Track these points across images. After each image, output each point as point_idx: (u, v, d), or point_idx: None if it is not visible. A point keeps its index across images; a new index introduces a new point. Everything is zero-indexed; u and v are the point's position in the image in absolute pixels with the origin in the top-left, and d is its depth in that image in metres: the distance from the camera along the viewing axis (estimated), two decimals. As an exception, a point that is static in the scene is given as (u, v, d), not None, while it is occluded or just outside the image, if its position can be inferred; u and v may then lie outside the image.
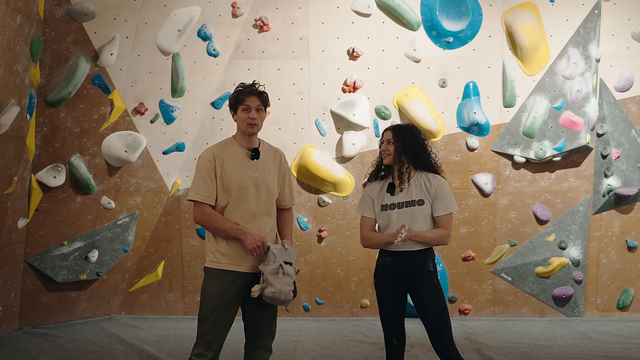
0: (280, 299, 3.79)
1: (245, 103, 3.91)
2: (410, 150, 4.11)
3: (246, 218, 3.89)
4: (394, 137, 4.13)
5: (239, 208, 3.89)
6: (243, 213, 3.89)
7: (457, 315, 6.90)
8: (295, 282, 3.89)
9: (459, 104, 6.80)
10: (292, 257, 3.91)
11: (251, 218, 3.90)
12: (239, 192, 3.89)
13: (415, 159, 4.12)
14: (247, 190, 3.90)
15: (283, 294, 3.78)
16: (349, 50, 6.75)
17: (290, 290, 3.79)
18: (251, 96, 3.91)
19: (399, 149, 4.10)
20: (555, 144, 6.72)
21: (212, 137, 6.66)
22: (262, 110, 3.94)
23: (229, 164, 3.90)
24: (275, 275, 3.79)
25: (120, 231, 6.71)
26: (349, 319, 6.87)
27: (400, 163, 4.11)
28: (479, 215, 6.86)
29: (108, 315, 6.86)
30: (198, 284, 6.81)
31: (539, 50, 6.72)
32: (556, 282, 6.85)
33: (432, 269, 4.13)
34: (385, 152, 4.14)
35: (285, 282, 3.79)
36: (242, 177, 3.90)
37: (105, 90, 6.47)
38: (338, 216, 6.88)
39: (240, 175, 3.90)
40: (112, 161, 6.58)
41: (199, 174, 3.92)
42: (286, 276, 3.80)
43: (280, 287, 3.78)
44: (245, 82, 4.01)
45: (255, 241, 3.81)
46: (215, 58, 6.71)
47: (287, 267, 3.83)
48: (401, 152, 4.10)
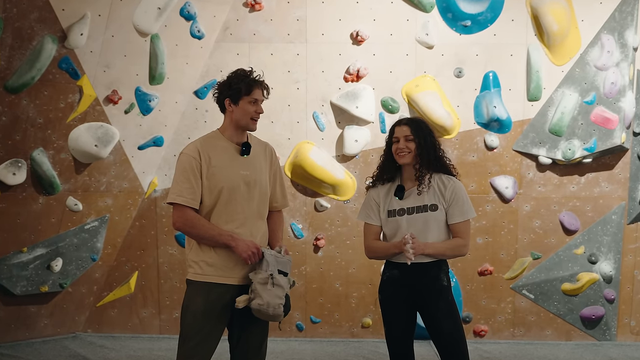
0: (268, 312, 3.80)
1: (254, 95, 3.95)
2: (432, 148, 4.13)
3: (236, 223, 3.90)
4: (413, 132, 4.14)
5: (227, 211, 3.90)
6: (233, 217, 3.90)
7: (471, 337, 6.90)
8: (288, 295, 3.87)
9: (476, 97, 6.81)
10: (288, 266, 3.92)
11: (242, 223, 3.92)
12: (229, 193, 3.90)
13: (434, 159, 4.14)
14: (237, 190, 3.91)
15: (272, 307, 3.78)
16: (352, 33, 6.75)
17: (280, 303, 3.80)
18: (259, 88, 3.97)
19: (421, 146, 4.11)
20: (585, 143, 6.72)
21: (194, 131, 6.67)
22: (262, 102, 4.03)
23: (216, 160, 3.91)
24: (264, 285, 3.79)
25: (88, 237, 6.70)
26: (348, 340, 6.87)
27: (421, 163, 4.11)
28: (498, 224, 6.87)
29: (72, 333, 6.85)
30: (176, 299, 6.84)
31: (568, 37, 6.73)
32: (585, 300, 6.85)
33: (446, 284, 4.15)
34: (402, 151, 4.13)
35: (275, 294, 3.80)
36: (231, 175, 3.91)
37: (73, 75, 6.49)
38: (337, 223, 6.88)
39: (229, 173, 3.91)
40: (80, 157, 6.59)
41: (181, 173, 3.92)
42: (276, 287, 3.80)
43: (269, 299, 3.78)
44: (247, 69, 4.03)
45: (248, 248, 3.80)
46: (200, 41, 6.71)
47: (280, 277, 3.84)
48: (423, 150, 4.11)
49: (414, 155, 4.12)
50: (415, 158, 4.12)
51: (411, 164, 4.13)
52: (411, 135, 4.12)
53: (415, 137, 4.12)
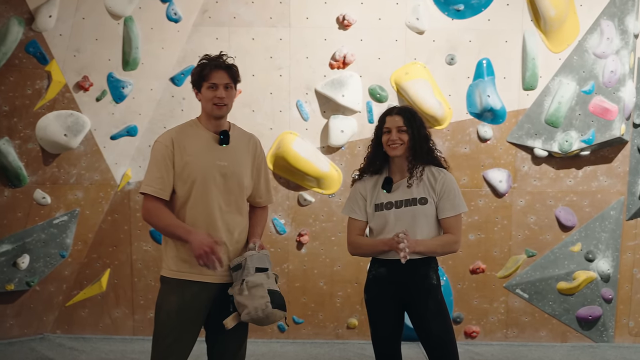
0: (260, 316, 3.77)
1: (211, 80, 3.91)
2: (425, 140, 4.14)
3: (211, 216, 3.87)
4: (406, 123, 4.13)
5: (203, 204, 3.88)
6: (208, 210, 3.87)
7: (462, 338, 6.91)
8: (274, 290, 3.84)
9: (469, 86, 6.81)
10: (265, 261, 3.89)
11: (218, 217, 3.88)
12: (203, 184, 3.88)
13: (427, 151, 4.15)
14: (213, 181, 3.89)
15: (260, 310, 3.75)
16: (338, 17, 6.73)
17: (266, 302, 3.76)
18: (218, 71, 3.91)
19: (415, 138, 4.11)
20: (583, 135, 6.73)
21: (171, 120, 6.64)
22: (232, 88, 3.95)
23: (191, 149, 3.90)
24: (241, 295, 3.79)
25: (56, 232, 6.67)
26: (333, 341, 6.87)
27: (413, 155, 4.12)
28: (491, 219, 6.87)
29: (40, 334, 6.82)
30: (150, 298, 6.79)
31: (566, 23, 6.73)
32: (582, 300, 6.87)
33: (436, 283, 4.15)
34: (394, 142, 4.12)
35: (256, 295, 3.77)
36: (207, 165, 3.89)
37: (41, 60, 6.47)
38: (322, 218, 6.85)
39: (205, 163, 3.89)
40: (49, 147, 6.56)
41: (153, 162, 3.92)
42: (254, 289, 3.77)
43: (253, 304, 3.76)
44: (210, 54, 4.00)
45: (201, 246, 3.73)
46: (177, 24, 6.69)
47: (256, 276, 3.80)
48: (416, 141, 4.11)
49: (407, 148, 4.11)
50: (408, 150, 4.11)
51: (403, 156, 4.12)
52: (404, 126, 4.12)
53: (409, 128, 4.11)
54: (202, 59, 3.97)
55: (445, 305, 4.15)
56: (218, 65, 3.92)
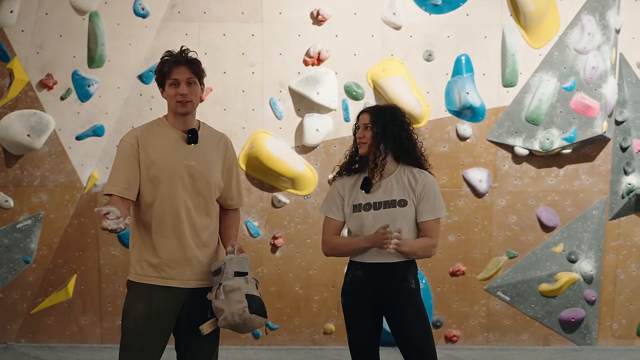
0: (237, 321, 3.71)
1: (172, 76, 3.86)
2: (392, 138, 4.11)
3: (178, 218, 3.84)
4: (372, 120, 4.13)
5: (169, 204, 3.84)
6: (174, 211, 3.83)
7: (443, 343, 6.92)
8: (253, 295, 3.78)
9: (448, 82, 6.81)
10: (245, 264, 3.84)
11: (184, 218, 3.84)
12: (170, 184, 3.83)
13: (398, 150, 4.12)
14: (180, 182, 3.85)
15: (237, 315, 3.70)
16: (312, 12, 6.72)
17: (243, 307, 3.70)
18: (178, 67, 3.86)
19: (378, 136, 4.10)
20: (564, 133, 6.75)
21: (139, 119, 6.59)
22: (195, 83, 3.89)
23: (157, 148, 3.85)
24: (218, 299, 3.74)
25: (20, 237, 6.64)
26: (309, 347, 6.85)
27: (376, 153, 4.12)
28: (471, 220, 6.88)
29: (4, 343, 6.76)
30: (119, 304, 6.70)
31: (546, 18, 6.75)
32: (564, 302, 6.90)
33: (415, 287, 4.13)
34: (360, 140, 4.15)
35: (233, 300, 3.71)
36: (173, 164, 3.84)
37: (2, 57, 6.49)
38: (297, 220, 6.82)
39: (171, 162, 3.84)
40: (11, 148, 6.55)
41: (117, 161, 3.88)
42: (231, 293, 3.72)
43: (230, 308, 3.70)
44: (173, 50, 3.93)
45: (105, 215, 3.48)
46: (144, 19, 6.66)
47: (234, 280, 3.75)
48: (380, 140, 4.10)
49: (370, 145, 4.12)
50: (371, 148, 4.12)
51: (370, 154, 4.14)
52: (369, 124, 4.13)
53: (373, 126, 4.11)
54: (163, 56, 3.91)
55: (424, 310, 4.13)
56: (178, 60, 3.85)
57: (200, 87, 3.91)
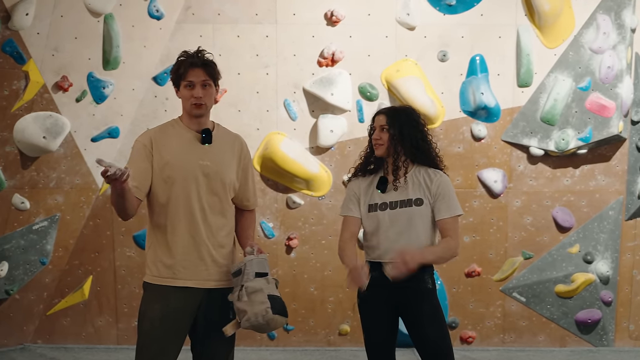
0: (260, 322, 3.73)
1: (188, 78, 3.86)
2: (408, 140, 4.11)
3: (193, 218, 3.83)
4: (388, 122, 4.14)
5: (184, 205, 3.83)
6: (189, 211, 3.83)
7: (458, 344, 6.90)
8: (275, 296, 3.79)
9: (462, 83, 6.81)
10: (265, 265, 3.84)
11: (199, 218, 3.84)
12: (184, 184, 3.83)
13: (414, 151, 4.12)
14: (194, 182, 3.85)
15: (260, 315, 3.71)
16: (326, 13, 6.73)
17: (266, 308, 3.71)
18: (194, 69, 3.86)
19: (395, 137, 4.10)
20: (580, 133, 6.73)
21: (154, 121, 6.61)
22: (210, 86, 3.89)
23: (171, 148, 3.86)
24: (240, 301, 3.75)
25: (36, 238, 6.66)
26: (324, 349, 6.85)
27: (395, 155, 4.11)
28: (486, 221, 6.87)
29: (21, 344, 6.79)
30: (135, 305, 6.72)
31: (561, 17, 6.74)
32: (580, 303, 6.87)
33: (431, 287, 4.14)
34: (377, 142, 4.14)
35: (256, 301, 3.72)
36: (188, 165, 3.84)
37: (18, 59, 6.49)
38: (312, 221, 6.84)
39: (185, 162, 3.84)
40: (27, 150, 6.57)
41: (131, 161, 3.87)
42: (254, 294, 3.73)
43: (253, 309, 3.72)
44: (189, 51, 3.93)
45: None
46: (159, 21, 6.69)
47: (255, 281, 3.77)
48: (397, 141, 4.10)
49: (387, 148, 4.12)
50: (388, 150, 4.12)
51: (386, 156, 4.14)
52: (386, 125, 4.13)
53: (390, 128, 4.11)
54: (180, 56, 3.91)
55: (441, 310, 4.13)
56: (194, 62, 3.84)
57: (215, 89, 3.91)
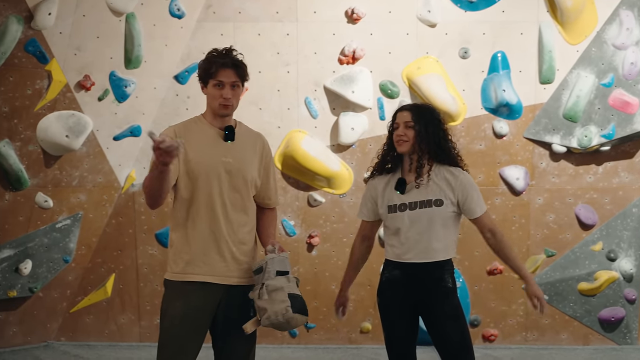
0: (280, 321, 3.75)
1: (218, 78, 3.86)
2: (433, 138, 4.08)
3: (214, 214, 3.85)
4: (413, 119, 4.09)
5: (205, 201, 3.85)
6: (210, 207, 3.85)
7: (480, 342, 6.89)
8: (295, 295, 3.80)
9: (484, 80, 6.80)
10: (286, 263, 3.86)
11: (220, 214, 3.85)
12: (206, 180, 3.85)
13: (436, 149, 4.09)
14: (217, 178, 3.86)
15: (280, 314, 3.73)
16: (347, 11, 6.73)
17: (286, 306, 3.73)
18: (226, 69, 3.86)
19: (421, 134, 4.06)
20: (603, 129, 6.70)
21: (175, 119, 6.55)
22: (239, 87, 3.91)
23: (194, 144, 3.86)
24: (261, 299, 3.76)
25: (59, 236, 6.69)
26: (346, 346, 6.86)
27: (420, 153, 4.07)
28: (508, 218, 6.84)
29: (44, 342, 6.84)
30: (157, 303, 6.73)
31: (583, 13, 6.71)
32: (604, 301, 6.85)
33: (452, 286, 4.12)
34: (400, 138, 4.08)
35: (276, 299, 3.74)
36: (210, 161, 3.86)
37: (41, 59, 6.50)
38: (333, 219, 6.84)
39: (208, 158, 3.86)
40: (50, 149, 6.59)
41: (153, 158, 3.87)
42: (274, 292, 3.75)
43: (273, 308, 3.74)
44: (219, 48, 3.92)
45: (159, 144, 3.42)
46: (180, 20, 6.71)
47: (276, 280, 3.78)
48: (422, 138, 4.06)
49: (412, 144, 4.07)
50: (413, 147, 4.07)
51: (410, 153, 4.09)
52: (411, 122, 4.08)
53: (416, 125, 4.07)
54: (211, 52, 3.90)
55: (461, 309, 4.12)
56: (225, 63, 3.84)
57: (242, 90, 3.94)
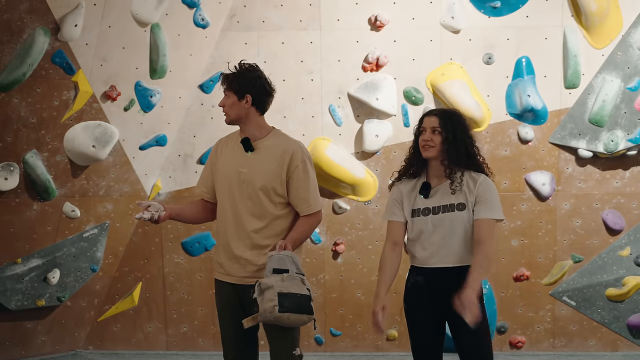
0: (269, 318, 3.91)
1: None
2: (461, 144, 4.05)
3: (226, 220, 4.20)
4: (441, 124, 4.06)
5: (222, 208, 4.23)
6: (224, 214, 4.22)
7: (507, 349, 6.87)
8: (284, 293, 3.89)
9: (508, 85, 6.79)
10: (286, 261, 3.99)
11: (231, 222, 4.18)
12: (225, 189, 4.20)
13: (463, 155, 4.05)
14: (232, 187, 4.18)
15: (267, 312, 3.89)
16: (370, 18, 6.74)
17: (272, 306, 3.87)
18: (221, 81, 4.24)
19: (448, 140, 4.03)
20: (630, 134, 6.69)
21: (200, 128, 6.73)
22: (227, 96, 4.17)
23: (224, 155, 4.24)
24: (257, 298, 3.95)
25: (87, 246, 6.73)
26: (372, 354, 6.87)
27: (446, 158, 4.05)
28: (534, 224, 6.83)
29: (72, 350, 6.88)
30: (183, 312, 6.86)
31: (608, 17, 6.69)
32: (632, 307, 6.81)
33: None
34: (427, 143, 4.06)
35: (265, 297, 3.90)
36: (229, 171, 4.19)
37: (68, 70, 6.51)
38: (358, 226, 6.86)
39: (228, 169, 4.20)
40: (77, 159, 6.62)
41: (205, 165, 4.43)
42: (266, 291, 3.91)
43: (263, 306, 3.90)
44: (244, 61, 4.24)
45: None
46: (204, 30, 6.73)
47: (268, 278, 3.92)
48: (449, 144, 4.03)
49: (439, 150, 4.05)
50: (441, 153, 4.05)
51: (436, 158, 4.08)
52: (439, 128, 4.05)
53: (443, 130, 4.04)
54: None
55: (485, 318, 4.06)
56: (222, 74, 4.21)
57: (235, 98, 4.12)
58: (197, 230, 6.81)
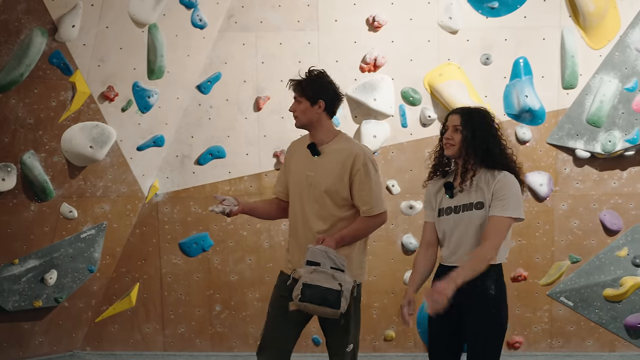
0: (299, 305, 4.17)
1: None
2: (480, 143, 4.03)
3: (295, 221, 4.47)
4: (462, 123, 4.06)
5: (292, 209, 4.50)
6: (293, 215, 4.49)
7: (505, 349, 6.79)
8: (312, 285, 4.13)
9: (506, 86, 6.80)
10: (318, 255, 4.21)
11: (302, 221, 4.43)
12: (295, 192, 4.48)
13: (483, 154, 4.03)
14: (300, 190, 4.41)
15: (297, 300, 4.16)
16: (368, 19, 6.75)
17: (296, 294, 4.15)
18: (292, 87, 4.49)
19: (467, 139, 4.03)
20: (627, 134, 6.70)
21: (198, 129, 6.73)
22: (299, 102, 4.43)
23: (295, 159, 4.54)
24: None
25: (84, 246, 6.73)
26: (370, 354, 6.87)
27: (466, 157, 4.06)
28: (532, 225, 6.84)
29: (70, 351, 6.90)
30: (181, 312, 6.86)
31: (606, 18, 6.69)
32: (630, 307, 6.83)
33: (494, 293, 4.06)
34: (448, 141, 4.08)
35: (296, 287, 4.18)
36: (299, 174, 4.45)
37: (65, 71, 6.51)
38: (356, 226, 6.83)
39: (298, 172, 4.46)
40: (74, 159, 6.62)
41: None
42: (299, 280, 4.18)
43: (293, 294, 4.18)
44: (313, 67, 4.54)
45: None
46: (202, 30, 6.74)
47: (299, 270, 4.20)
48: (468, 143, 4.03)
49: (459, 148, 4.05)
50: (460, 151, 4.05)
51: (459, 157, 4.08)
52: (459, 126, 4.05)
53: (463, 129, 4.03)
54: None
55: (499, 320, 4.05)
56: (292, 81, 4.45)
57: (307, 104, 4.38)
58: (195, 231, 6.82)
